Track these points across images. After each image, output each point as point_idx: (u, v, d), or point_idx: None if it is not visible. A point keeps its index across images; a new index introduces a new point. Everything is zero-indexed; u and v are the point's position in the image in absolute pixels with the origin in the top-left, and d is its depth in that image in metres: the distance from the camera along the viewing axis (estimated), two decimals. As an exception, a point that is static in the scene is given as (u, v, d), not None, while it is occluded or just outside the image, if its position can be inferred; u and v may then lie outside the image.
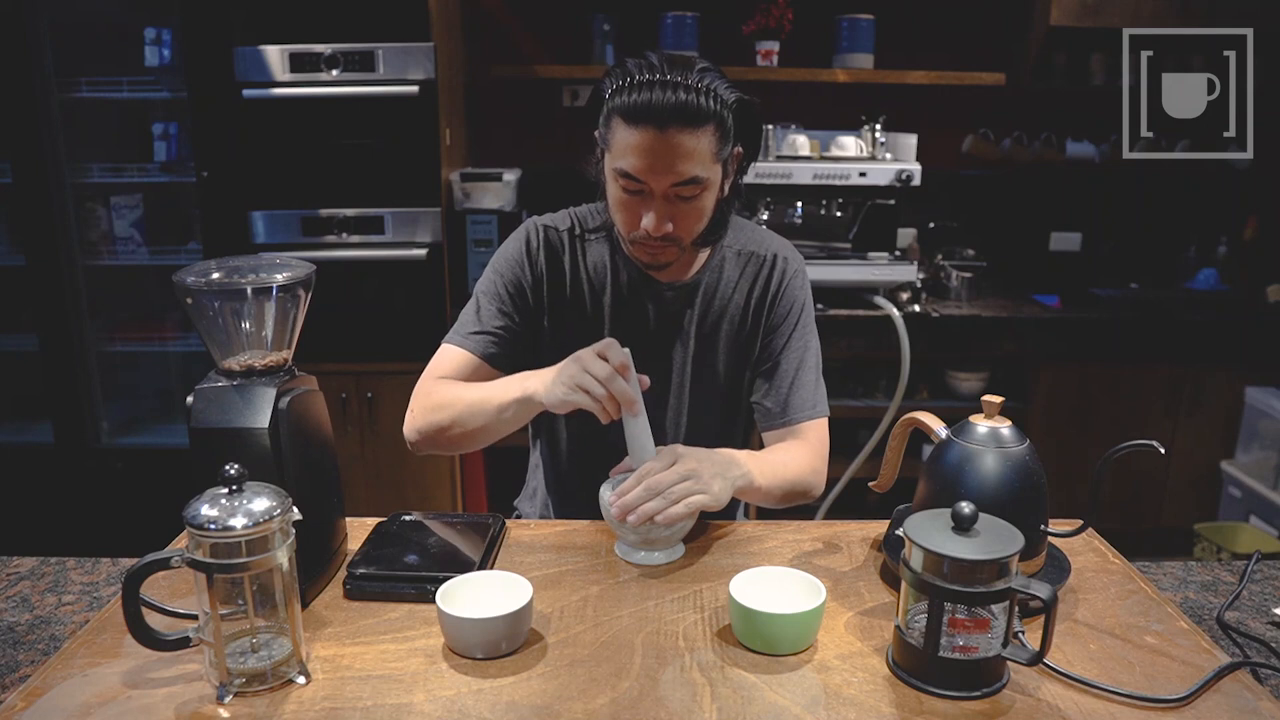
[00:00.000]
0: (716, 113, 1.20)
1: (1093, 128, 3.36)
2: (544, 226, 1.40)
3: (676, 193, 1.22)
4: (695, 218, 1.26)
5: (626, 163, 1.21)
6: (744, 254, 1.40)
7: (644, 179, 1.21)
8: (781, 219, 3.05)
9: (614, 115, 1.21)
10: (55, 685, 0.88)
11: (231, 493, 0.85)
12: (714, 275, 1.39)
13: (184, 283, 0.98)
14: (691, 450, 1.16)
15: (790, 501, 1.33)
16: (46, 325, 2.85)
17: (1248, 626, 1.13)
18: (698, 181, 1.22)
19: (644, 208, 1.24)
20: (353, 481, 2.89)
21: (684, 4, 3.11)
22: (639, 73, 1.19)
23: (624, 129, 1.20)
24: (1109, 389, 3.09)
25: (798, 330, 1.39)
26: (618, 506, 1.10)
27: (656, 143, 1.18)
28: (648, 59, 1.21)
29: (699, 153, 1.20)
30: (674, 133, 1.18)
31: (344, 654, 0.94)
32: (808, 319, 1.41)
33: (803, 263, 1.43)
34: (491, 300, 1.37)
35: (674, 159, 1.19)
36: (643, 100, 1.17)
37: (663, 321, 1.39)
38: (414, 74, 2.69)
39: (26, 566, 1.25)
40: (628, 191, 1.24)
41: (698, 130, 1.19)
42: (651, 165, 1.20)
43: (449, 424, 1.28)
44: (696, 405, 1.41)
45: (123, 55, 2.84)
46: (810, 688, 0.89)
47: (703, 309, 1.39)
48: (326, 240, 2.81)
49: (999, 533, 0.88)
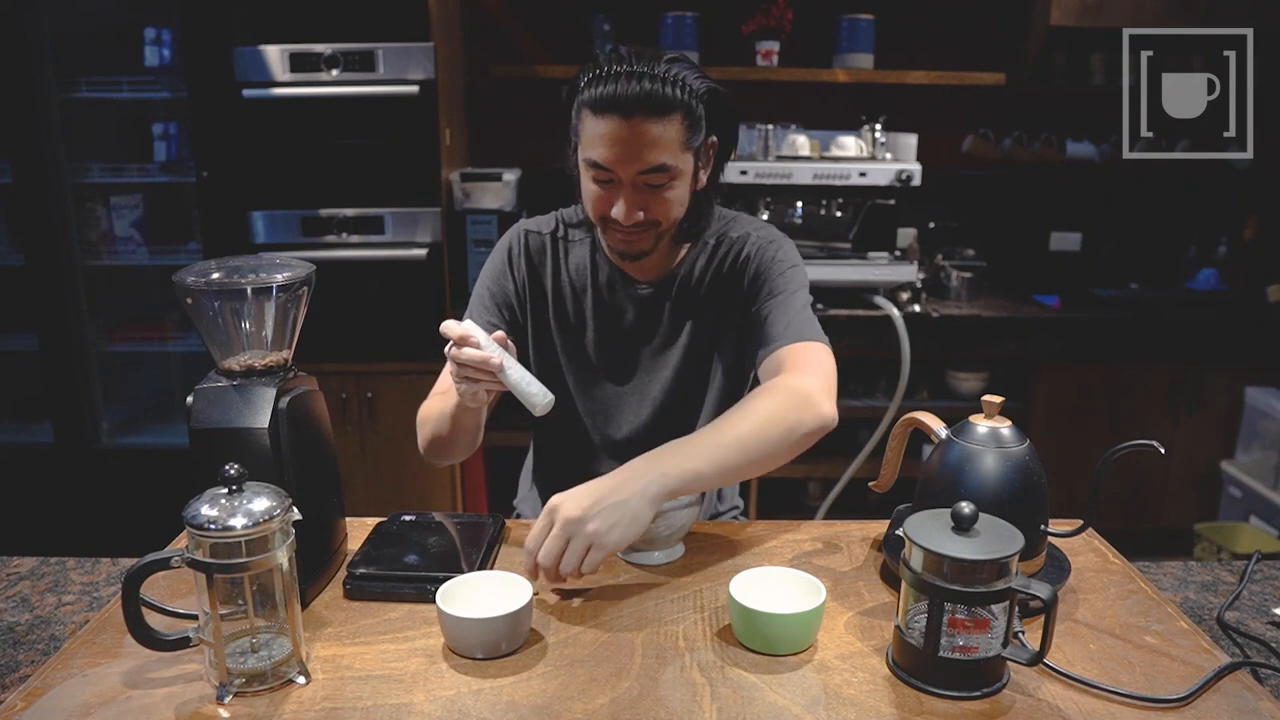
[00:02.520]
0: (683, 101, 1.21)
1: (1093, 128, 3.36)
2: (526, 232, 1.43)
3: (645, 181, 1.23)
4: (666, 204, 1.27)
5: (595, 153, 1.22)
6: (717, 242, 1.40)
7: (612, 168, 1.22)
8: (781, 219, 3.05)
9: (583, 108, 1.23)
10: (55, 685, 0.88)
11: (231, 493, 0.85)
12: (689, 268, 1.40)
13: (184, 283, 0.98)
14: (572, 494, 1.04)
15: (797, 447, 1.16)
16: (46, 325, 2.85)
17: (1248, 626, 1.13)
18: (665, 169, 1.23)
19: (614, 196, 1.25)
20: (353, 481, 2.89)
21: (684, 4, 3.11)
22: (607, 65, 1.20)
23: (591, 120, 1.21)
24: (1109, 389, 3.08)
25: (775, 279, 1.34)
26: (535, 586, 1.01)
27: (622, 130, 1.19)
28: (617, 51, 1.22)
29: (665, 140, 1.21)
30: (639, 121, 1.19)
31: (344, 654, 0.94)
32: (788, 271, 1.35)
33: (780, 235, 1.39)
34: (479, 314, 1.40)
35: (640, 147, 1.20)
36: (608, 91, 1.18)
37: (642, 318, 1.40)
38: (414, 74, 2.69)
39: (26, 566, 1.25)
40: (598, 182, 1.26)
41: (664, 119, 1.20)
42: (619, 154, 1.21)
43: (431, 436, 1.36)
44: (683, 399, 1.41)
45: (123, 55, 2.84)
46: (810, 688, 0.89)
47: (680, 302, 1.40)
48: (326, 240, 2.81)
49: (999, 533, 0.88)
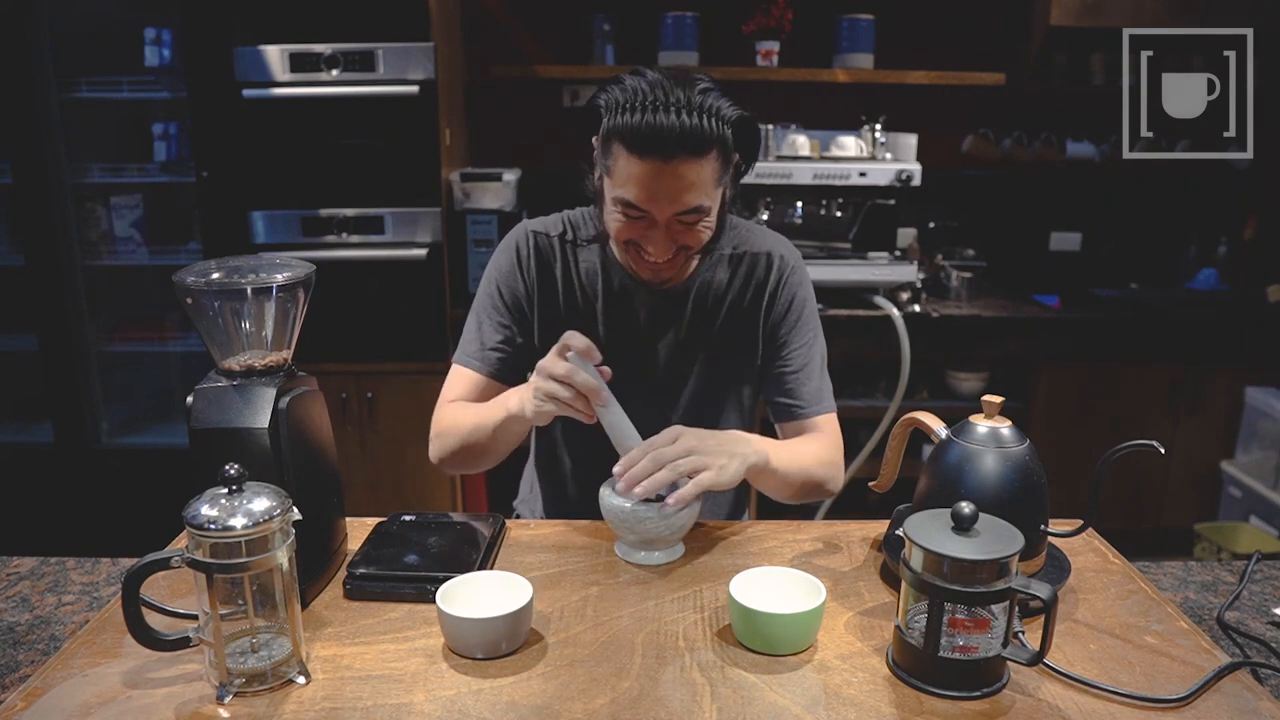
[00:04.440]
0: (719, 136, 1.16)
1: (1093, 128, 3.36)
2: (533, 233, 1.38)
3: (680, 219, 1.20)
4: (699, 236, 1.24)
5: (629, 193, 1.18)
6: (737, 255, 1.38)
7: (648, 208, 1.19)
8: (781, 219, 3.05)
9: (615, 140, 1.17)
10: (55, 685, 0.88)
11: (231, 493, 0.85)
12: (707, 277, 1.37)
13: (184, 283, 0.98)
14: (694, 430, 1.14)
15: (807, 495, 1.31)
16: (46, 325, 2.85)
17: (1248, 626, 1.13)
18: (701, 210, 1.20)
19: (645, 233, 1.22)
20: (353, 481, 2.89)
21: (684, 4, 3.11)
22: (640, 94, 1.14)
23: (626, 157, 1.16)
24: (1109, 389, 3.09)
25: (801, 325, 1.38)
26: (625, 480, 1.09)
27: (662, 174, 1.15)
28: (646, 76, 1.17)
29: (703, 182, 1.17)
30: (679, 164, 1.14)
31: (344, 654, 0.94)
32: (811, 314, 1.40)
33: (800, 258, 1.41)
34: (490, 315, 1.37)
35: (679, 190, 1.16)
36: (646, 125, 1.12)
37: (655, 326, 1.38)
38: (414, 74, 2.69)
39: (26, 566, 1.25)
40: (629, 218, 1.21)
41: (703, 159, 1.15)
42: (655, 196, 1.17)
43: (459, 448, 1.32)
44: (691, 409, 1.40)
45: (123, 55, 2.84)
46: (810, 688, 0.89)
47: (695, 312, 1.37)
48: (326, 240, 2.81)
49: (999, 533, 0.88)
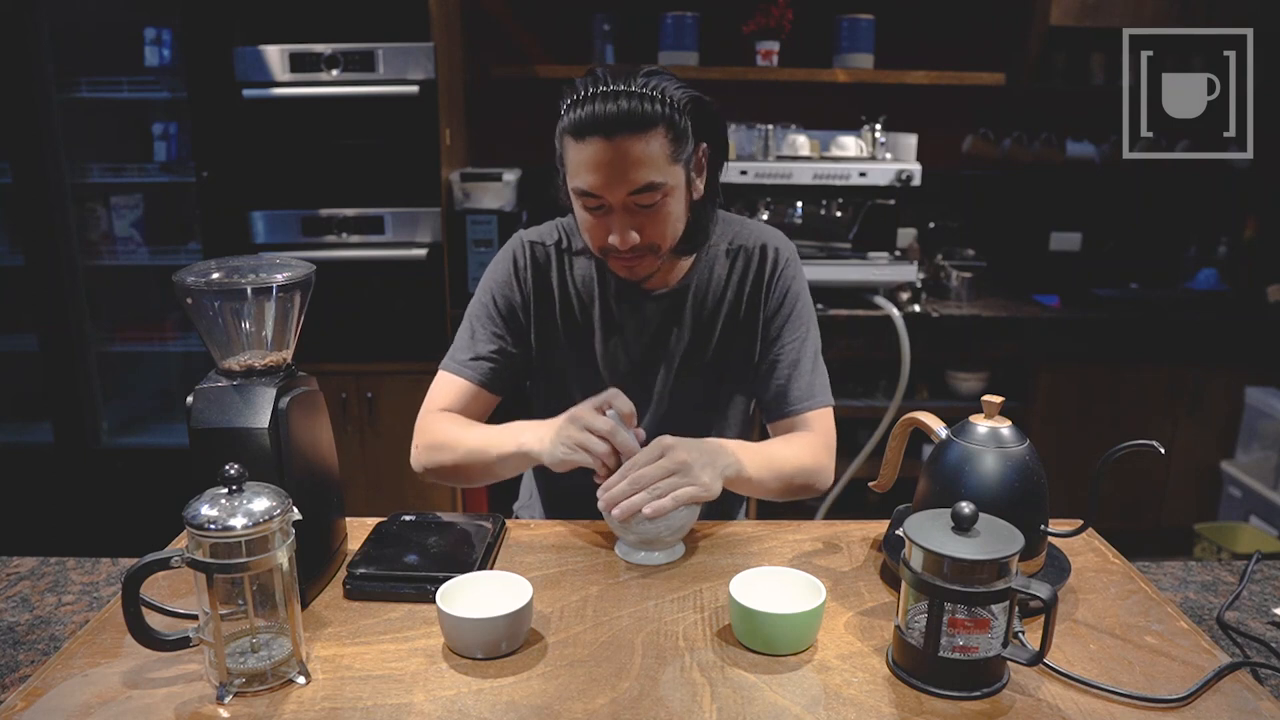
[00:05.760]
0: (665, 115, 1.17)
1: (1093, 128, 3.36)
2: (530, 243, 1.39)
3: (635, 201, 1.20)
4: (662, 223, 1.23)
5: (582, 180, 1.19)
6: (733, 249, 1.38)
7: (600, 193, 1.19)
8: (781, 219, 3.05)
9: (565, 135, 1.20)
10: (55, 685, 0.88)
11: (231, 493, 0.85)
12: (704, 276, 1.37)
13: (184, 283, 0.98)
14: (680, 441, 1.15)
15: (794, 494, 1.31)
16: (46, 325, 2.85)
17: (1248, 626, 1.13)
18: (654, 187, 1.19)
19: (609, 223, 1.22)
20: (353, 481, 2.89)
21: (684, 4, 3.11)
22: (584, 89, 1.17)
23: (574, 146, 1.18)
24: (1109, 389, 3.09)
25: (794, 319, 1.37)
26: (604, 500, 1.10)
27: (605, 153, 1.16)
28: (593, 73, 1.19)
29: (650, 157, 1.17)
30: (621, 141, 1.15)
31: (344, 654, 0.94)
32: (804, 307, 1.39)
33: (794, 250, 1.40)
34: (484, 324, 1.36)
35: (626, 167, 1.17)
36: (586, 113, 1.15)
37: (654, 330, 1.37)
38: (414, 74, 2.69)
39: (26, 566, 1.25)
40: (589, 210, 1.22)
41: (646, 134, 1.16)
42: (605, 178, 1.18)
43: (452, 465, 1.31)
44: (691, 411, 1.40)
45: (123, 55, 2.84)
46: (810, 688, 0.89)
47: (695, 312, 1.37)
48: (326, 240, 2.81)
49: (999, 533, 0.88)
